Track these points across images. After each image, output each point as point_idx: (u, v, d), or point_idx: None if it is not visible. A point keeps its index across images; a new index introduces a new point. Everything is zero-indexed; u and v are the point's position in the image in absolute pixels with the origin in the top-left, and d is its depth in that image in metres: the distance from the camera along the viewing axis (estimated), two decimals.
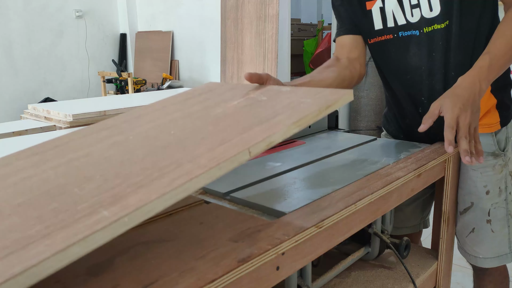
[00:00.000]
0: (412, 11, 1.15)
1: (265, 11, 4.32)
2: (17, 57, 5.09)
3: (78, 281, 0.56)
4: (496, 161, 1.19)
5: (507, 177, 1.20)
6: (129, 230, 0.73)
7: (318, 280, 0.93)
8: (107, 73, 5.10)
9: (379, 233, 1.06)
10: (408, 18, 1.16)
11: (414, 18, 1.15)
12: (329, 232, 0.75)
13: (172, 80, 5.14)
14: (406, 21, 1.16)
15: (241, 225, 0.73)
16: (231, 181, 0.96)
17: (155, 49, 5.62)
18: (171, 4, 5.51)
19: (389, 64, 1.27)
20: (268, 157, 1.16)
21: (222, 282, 0.55)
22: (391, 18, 1.18)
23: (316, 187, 0.91)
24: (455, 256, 1.32)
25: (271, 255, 0.63)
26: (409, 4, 1.14)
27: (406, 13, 1.16)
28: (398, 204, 0.98)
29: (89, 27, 5.68)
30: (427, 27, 1.14)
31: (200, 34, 5.28)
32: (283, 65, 4.41)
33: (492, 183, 1.19)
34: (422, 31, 1.15)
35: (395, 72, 1.26)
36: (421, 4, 1.12)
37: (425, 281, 1.15)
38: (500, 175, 1.19)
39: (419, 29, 1.15)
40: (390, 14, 1.18)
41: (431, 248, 1.27)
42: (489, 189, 1.19)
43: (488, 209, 1.21)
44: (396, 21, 1.18)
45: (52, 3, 5.31)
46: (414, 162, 1.05)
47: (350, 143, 1.30)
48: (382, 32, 1.21)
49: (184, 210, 0.82)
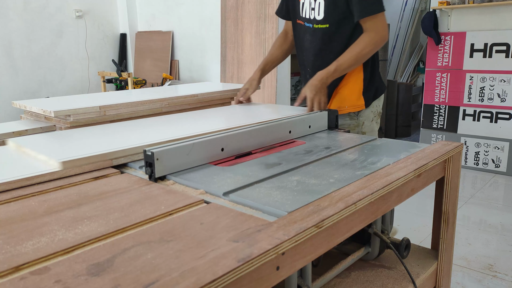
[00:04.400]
0: (310, 11, 1.77)
1: (265, 11, 4.32)
2: (17, 57, 5.09)
3: (78, 281, 0.56)
4: (351, 121, 1.81)
5: (359, 134, 1.77)
6: (129, 230, 0.73)
7: (318, 280, 0.93)
8: (107, 73, 5.10)
9: (379, 233, 1.06)
10: (309, 15, 1.78)
11: (311, 16, 1.76)
12: (329, 232, 0.75)
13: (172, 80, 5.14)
14: (308, 16, 1.77)
15: (241, 225, 0.73)
16: (231, 181, 0.96)
17: (155, 49, 5.62)
18: (171, 4, 5.51)
19: (297, 41, 1.90)
20: (268, 157, 1.16)
21: (222, 282, 0.55)
22: (304, 12, 1.79)
23: (316, 187, 0.91)
24: (455, 256, 1.33)
25: (271, 255, 0.63)
26: (310, 7, 1.76)
27: (309, 11, 1.77)
28: (398, 204, 0.98)
29: (89, 27, 5.68)
30: (316, 25, 1.76)
31: (200, 34, 5.28)
32: (283, 65, 4.41)
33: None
34: (313, 26, 1.77)
35: (299, 49, 1.89)
36: (315, 9, 1.74)
37: (425, 281, 1.15)
38: (354, 131, 1.81)
39: (312, 23, 1.76)
40: (305, 9, 1.79)
41: (431, 248, 1.27)
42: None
43: None
44: (305, 14, 1.79)
45: (52, 3, 5.31)
46: (414, 162, 1.05)
47: (350, 143, 1.30)
48: (301, 18, 1.82)
49: (184, 210, 0.82)
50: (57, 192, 0.93)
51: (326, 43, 1.75)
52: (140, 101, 1.69)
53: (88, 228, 0.74)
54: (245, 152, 1.22)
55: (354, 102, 1.77)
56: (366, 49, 1.65)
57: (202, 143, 1.10)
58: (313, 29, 1.76)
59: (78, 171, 1.05)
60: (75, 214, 0.80)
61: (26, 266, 0.61)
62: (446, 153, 1.14)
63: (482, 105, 4.19)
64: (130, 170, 1.10)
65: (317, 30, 1.75)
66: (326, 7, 1.70)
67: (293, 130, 1.38)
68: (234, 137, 1.19)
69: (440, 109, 4.45)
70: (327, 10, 1.70)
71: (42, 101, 1.76)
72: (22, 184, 0.96)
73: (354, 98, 1.77)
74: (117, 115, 1.62)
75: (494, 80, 4.10)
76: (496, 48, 4.07)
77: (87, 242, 0.68)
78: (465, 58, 4.25)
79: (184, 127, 1.43)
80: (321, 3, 1.71)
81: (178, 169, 1.04)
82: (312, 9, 1.75)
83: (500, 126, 4.12)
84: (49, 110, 1.49)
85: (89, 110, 1.54)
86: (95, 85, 5.77)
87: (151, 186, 0.95)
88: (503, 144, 4.11)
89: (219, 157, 1.15)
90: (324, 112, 1.52)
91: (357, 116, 1.80)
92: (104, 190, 0.93)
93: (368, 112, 1.82)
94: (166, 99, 1.79)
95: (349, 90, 1.77)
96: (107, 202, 0.86)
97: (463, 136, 4.32)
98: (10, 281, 0.57)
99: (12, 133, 1.45)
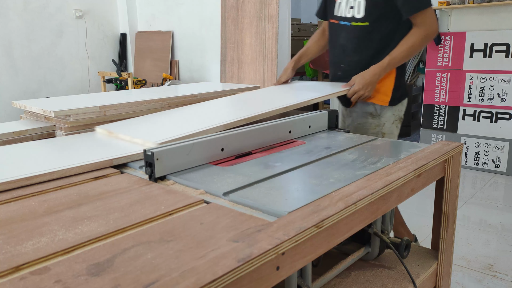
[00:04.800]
0: (348, 10, 1.83)
1: (265, 11, 4.32)
2: (17, 57, 5.09)
3: (78, 281, 0.56)
4: (373, 120, 1.86)
5: (379, 135, 1.86)
6: (129, 230, 0.73)
7: (318, 280, 0.93)
8: (107, 73, 5.10)
9: (379, 233, 1.07)
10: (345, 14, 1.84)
11: (348, 15, 1.83)
12: (329, 232, 0.75)
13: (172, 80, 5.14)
14: (345, 15, 1.84)
15: (241, 225, 0.73)
16: (231, 181, 0.96)
17: (155, 49, 5.62)
18: (171, 4, 5.50)
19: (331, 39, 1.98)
20: (268, 157, 1.16)
21: (222, 282, 0.55)
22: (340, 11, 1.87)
23: (316, 187, 0.91)
24: (455, 256, 1.33)
25: (271, 255, 0.63)
26: (348, 5, 1.83)
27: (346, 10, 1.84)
28: (398, 204, 0.98)
29: (89, 27, 5.68)
30: (355, 22, 1.81)
31: (200, 34, 5.27)
32: (283, 65, 4.41)
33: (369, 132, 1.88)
34: (351, 24, 1.82)
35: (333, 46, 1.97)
36: (354, 8, 1.80)
37: (425, 281, 1.15)
38: (375, 129, 1.87)
39: (351, 21, 1.82)
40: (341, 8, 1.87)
41: (431, 248, 1.27)
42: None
43: None
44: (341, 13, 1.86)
45: (52, 3, 5.31)
46: (414, 162, 1.05)
47: (350, 143, 1.30)
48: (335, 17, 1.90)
49: (184, 210, 0.82)
50: (57, 192, 0.93)
51: (365, 40, 1.80)
52: (140, 101, 1.69)
53: (88, 228, 0.74)
54: (245, 152, 1.22)
55: (381, 96, 1.82)
56: (417, 42, 1.71)
57: (202, 143, 1.10)
58: (352, 27, 1.82)
59: (78, 170, 1.05)
60: (75, 214, 0.80)
61: (26, 266, 0.61)
62: (446, 153, 1.14)
63: (482, 105, 4.19)
64: (130, 170, 1.10)
65: (356, 28, 1.80)
66: (367, 6, 1.76)
67: (293, 130, 1.38)
68: (234, 137, 1.19)
69: (440, 109, 4.45)
70: (368, 8, 1.76)
71: (42, 101, 1.76)
72: (22, 184, 0.96)
73: (382, 92, 1.82)
74: (117, 115, 1.62)
75: (494, 80, 4.10)
76: (496, 48, 4.07)
77: (87, 242, 0.68)
78: (465, 58, 4.24)
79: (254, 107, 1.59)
80: (362, 2, 1.77)
81: (178, 169, 1.04)
82: (351, 8, 1.81)
83: (500, 126, 4.12)
84: (49, 110, 1.49)
85: (89, 110, 1.54)
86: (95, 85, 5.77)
87: (151, 186, 0.95)
88: (503, 144, 4.11)
89: (219, 157, 1.15)
90: (324, 112, 1.52)
91: (379, 116, 1.85)
92: (104, 190, 0.93)
93: (390, 114, 1.85)
94: (166, 99, 1.79)
95: (380, 84, 1.81)
96: (107, 202, 0.86)
97: (463, 136, 4.32)
98: (10, 281, 0.57)
99: (12, 133, 1.45)
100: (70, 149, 1.25)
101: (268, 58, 4.35)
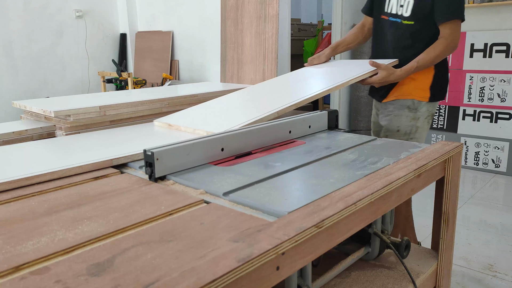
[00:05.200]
0: (398, 8, 1.91)
1: (265, 11, 4.32)
2: (17, 57, 5.09)
3: (78, 281, 0.56)
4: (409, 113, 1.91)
5: (413, 128, 1.92)
6: (129, 230, 0.73)
7: (318, 280, 0.94)
8: (107, 73, 5.10)
9: (379, 233, 1.07)
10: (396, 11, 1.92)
11: (398, 12, 1.90)
12: (329, 232, 0.75)
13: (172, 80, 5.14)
14: (396, 12, 1.91)
15: (241, 225, 0.73)
16: (231, 181, 0.96)
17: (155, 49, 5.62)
18: (171, 4, 5.50)
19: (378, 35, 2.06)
20: (268, 157, 1.16)
21: (222, 282, 0.55)
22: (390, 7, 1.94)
23: (316, 187, 0.91)
24: (455, 256, 1.33)
25: (271, 255, 0.63)
26: (398, 3, 1.91)
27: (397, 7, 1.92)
28: (398, 204, 0.98)
29: (89, 27, 5.68)
30: (404, 20, 1.89)
31: (200, 34, 5.27)
32: (283, 65, 4.42)
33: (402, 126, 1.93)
34: (401, 22, 1.90)
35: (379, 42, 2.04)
36: (403, 6, 1.88)
37: (425, 281, 1.15)
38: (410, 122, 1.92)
39: (401, 19, 1.89)
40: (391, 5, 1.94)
41: (431, 248, 1.27)
42: (399, 129, 1.93)
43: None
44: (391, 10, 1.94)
45: (52, 3, 5.31)
46: (414, 162, 1.05)
47: (350, 143, 1.30)
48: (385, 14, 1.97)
49: (184, 210, 0.82)
50: (57, 192, 0.93)
51: (409, 39, 1.88)
52: (140, 101, 1.69)
53: (88, 228, 0.74)
54: (245, 152, 1.22)
55: (421, 92, 1.90)
56: (441, 54, 1.81)
57: (202, 143, 1.10)
58: (402, 24, 1.89)
59: (78, 170, 1.05)
60: (75, 214, 0.80)
61: (26, 266, 0.61)
62: (446, 153, 1.14)
63: (482, 105, 4.19)
64: (130, 170, 1.10)
65: (404, 26, 1.88)
66: (414, 6, 1.84)
67: (293, 130, 1.38)
68: (234, 137, 1.19)
69: (440, 109, 4.45)
70: (415, 8, 1.83)
71: (42, 101, 1.76)
72: (22, 184, 0.96)
73: (421, 88, 1.90)
74: (117, 115, 1.62)
75: (494, 80, 4.10)
76: (496, 48, 4.07)
77: (87, 242, 0.68)
78: (465, 58, 4.24)
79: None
80: (410, 1, 1.85)
81: (178, 169, 1.04)
82: (400, 6, 1.89)
83: (500, 126, 4.12)
84: (49, 110, 1.49)
85: (89, 110, 1.54)
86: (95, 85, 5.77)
87: (151, 186, 0.95)
88: (503, 144, 4.11)
89: (219, 157, 1.15)
90: (324, 112, 1.52)
91: (416, 110, 1.91)
92: (104, 190, 0.93)
93: (425, 110, 1.93)
94: (166, 99, 1.79)
95: (419, 81, 1.89)
96: (107, 202, 0.86)
97: (463, 136, 4.32)
98: (10, 281, 0.57)
99: (12, 133, 1.45)
100: (70, 149, 1.25)
101: (268, 58, 4.35)
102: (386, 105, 1.98)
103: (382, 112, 2.01)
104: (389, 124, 1.96)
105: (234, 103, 1.68)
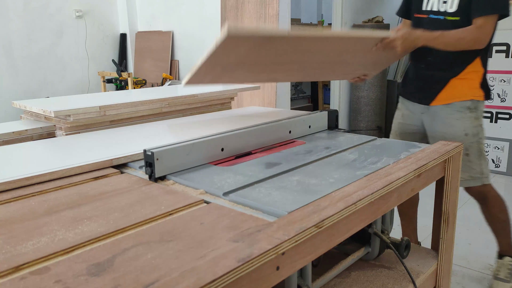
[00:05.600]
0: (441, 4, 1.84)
1: (265, 11, 4.32)
2: (17, 57, 5.09)
3: (78, 281, 0.56)
4: (471, 114, 1.84)
5: (478, 127, 1.85)
6: (129, 230, 0.73)
7: (318, 280, 0.93)
8: (107, 73, 5.10)
9: (379, 233, 1.06)
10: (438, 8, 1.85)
11: (441, 9, 1.83)
12: (329, 232, 0.75)
13: (172, 80, 5.14)
14: (438, 9, 1.84)
15: (241, 225, 0.73)
16: (231, 181, 0.96)
17: (155, 49, 5.62)
18: (171, 4, 5.50)
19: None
20: (268, 157, 1.16)
21: (222, 282, 0.55)
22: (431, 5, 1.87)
23: (316, 187, 0.91)
24: (455, 256, 1.33)
25: (271, 255, 0.63)
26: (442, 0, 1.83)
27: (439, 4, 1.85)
28: (398, 204, 0.98)
29: (89, 27, 5.68)
30: (448, 17, 1.81)
31: (200, 34, 5.27)
32: None
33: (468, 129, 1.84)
34: (445, 18, 1.82)
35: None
36: (447, 2, 1.81)
37: (425, 281, 1.15)
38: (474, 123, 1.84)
39: (444, 16, 1.82)
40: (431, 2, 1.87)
41: (431, 248, 1.27)
42: (467, 132, 1.83)
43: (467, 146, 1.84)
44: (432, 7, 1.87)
45: (52, 3, 5.31)
46: (414, 162, 1.05)
47: (350, 143, 1.30)
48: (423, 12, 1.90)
49: (184, 210, 0.82)
50: (57, 192, 0.93)
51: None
52: (140, 101, 1.69)
53: (88, 228, 0.74)
54: (245, 152, 1.22)
55: (476, 91, 1.85)
56: (467, 39, 1.70)
57: (202, 143, 1.10)
58: (445, 20, 1.82)
59: (78, 170, 1.05)
60: (75, 214, 0.80)
61: (26, 266, 0.61)
62: (446, 153, 1.14)
63: None
64: (130, 170, 1.10)
65: (449, 22, 1.80)
66: (461, 0, 1.77)
67: (293, 130, 1.38)
68: (234, 137, 1.19)
69: None
70: (461, 3, 1.76)
71: (42, 101, 1.76)
72: (22, 184, 0.96)
73: (474, 87, 1.85)
74: (117, 115, 1.62)
75: (494, 80, 4.10)
76: (496, 48, 4.07)
77: (87, 242, 0.68)
78: None
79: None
80: None
81: (178, 169, 1.04)
82: (444, 2, 1.82)
83: (500, 126, 4.12)
84: (49, 110, 1.49)
85: (89, 110, 1.54)
86: (95, 85, 5.77)
87: (151, 186, 0.95)
88: (503, 144, 4.11)
89: (219, 157, 1.15)
90: (324, 112, 1.52)
91: (476, 110, 1.85)
92: (104, 190, 0.93)
93: (482, 108, 1.88)
94: (166, 99, 1.79)
95: (472, 81, 1.84)
96: (107, 202, 0.86)
97: None
98: (10, 281, 0.57)
99: (12, 133, 1.45)
100: (70, 149, 1.25)
101: None
102: (438, 108, 1.87)
103: (429, 116, 1.90)
104: (451, 129, 1.84)
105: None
